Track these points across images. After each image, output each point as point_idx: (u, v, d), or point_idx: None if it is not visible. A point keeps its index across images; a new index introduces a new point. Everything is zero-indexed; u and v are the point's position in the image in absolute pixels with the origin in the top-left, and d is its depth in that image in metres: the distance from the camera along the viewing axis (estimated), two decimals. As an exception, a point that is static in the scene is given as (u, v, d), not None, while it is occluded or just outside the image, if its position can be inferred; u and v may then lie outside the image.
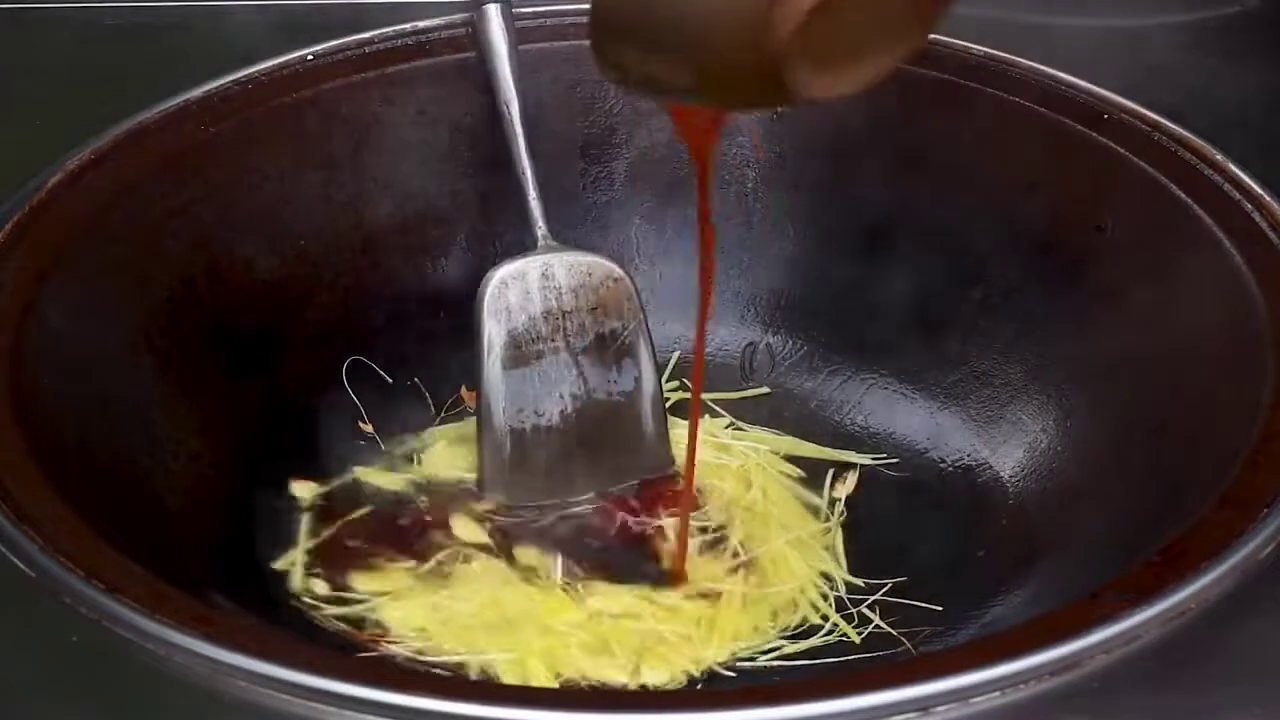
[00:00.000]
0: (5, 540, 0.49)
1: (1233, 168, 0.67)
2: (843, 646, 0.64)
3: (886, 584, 0.67)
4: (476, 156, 0.78)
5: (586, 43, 0.44)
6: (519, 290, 0.70)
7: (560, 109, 0.79)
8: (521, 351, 0.70)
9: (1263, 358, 0.58)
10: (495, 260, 0.72)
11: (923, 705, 0.44)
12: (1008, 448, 0.72)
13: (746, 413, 0.77)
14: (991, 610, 0.63)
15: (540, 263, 0.70)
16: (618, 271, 0.71)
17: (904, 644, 0.63)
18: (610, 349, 0.71)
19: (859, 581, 0.68)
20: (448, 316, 0.79)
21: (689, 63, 0.43)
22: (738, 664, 0.63)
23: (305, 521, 0.70)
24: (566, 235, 0.74)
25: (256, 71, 0.75)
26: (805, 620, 0.66)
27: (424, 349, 0.78)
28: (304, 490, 0.71)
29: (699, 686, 0.62)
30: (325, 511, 0.70)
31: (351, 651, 0.62)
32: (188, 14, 0.84)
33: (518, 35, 0.76)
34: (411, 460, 0.74)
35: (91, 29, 0.83)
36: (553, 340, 0.70)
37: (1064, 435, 0.70)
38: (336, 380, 0.75)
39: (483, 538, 0.69)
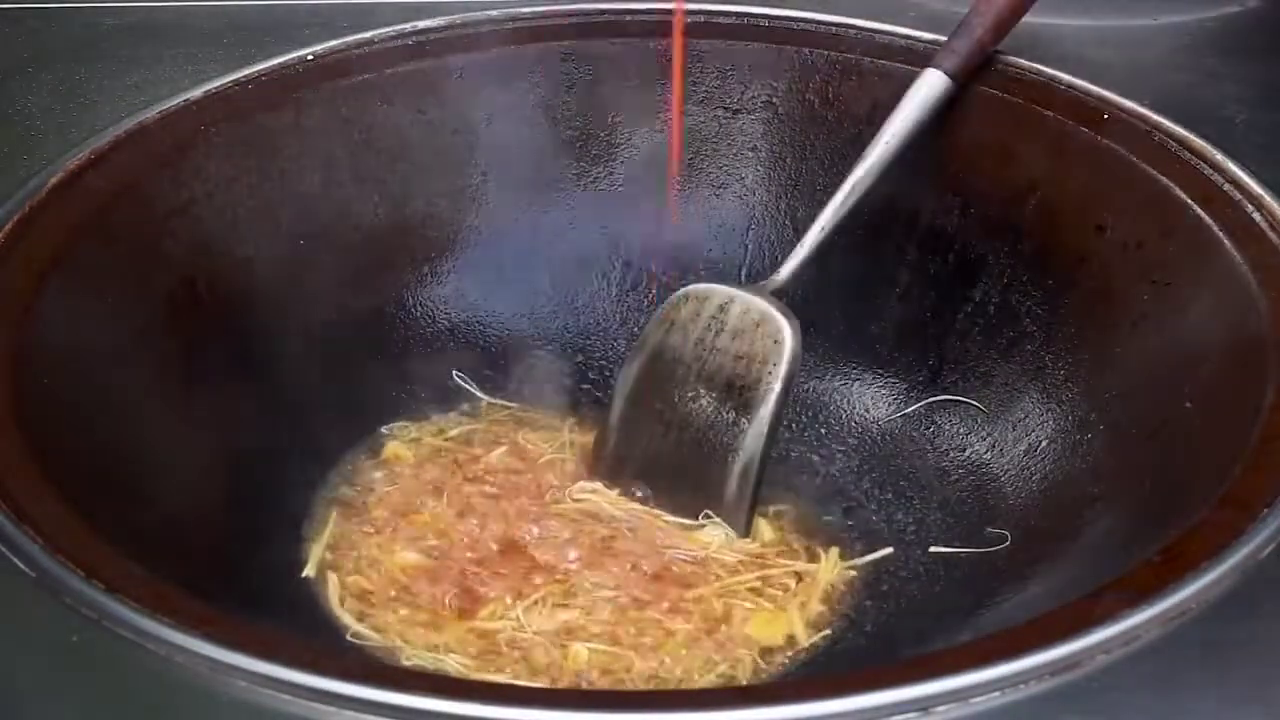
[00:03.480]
0: (5, 540, 0.49)
1: (1233, 168, 0.67)
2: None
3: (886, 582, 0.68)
4: (476, 157, 0.78)
5: (586, 42, 0.44)
6: (692, 310, 0.71)
7: (559, 108, 0.79)
8: (664, 362, 0.72)
9: (1263, 358, 0.58)
10: (494, 260, 0.72)
11: (923, 705, 0.44)
12: (1008, 448, 0.72)
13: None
14: (992, 610, 0.63)
15: (726, 295, 0.71)
16: (785, 334, 0.69)
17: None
18: (732, 400, 0.70)
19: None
20: (448, 316, 0.79)
21: None
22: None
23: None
24: (565, 235, 0.74)
25: (256, 71, 0.75)
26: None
27: (424, 348, 0.78)
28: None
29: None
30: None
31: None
32: (187, 14, 0.84)
33: (518, 36, 0.76)
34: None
35: (91, 29, 0.83)
36: (692, 366, 0.71)
37: (1064, 435, 0.70)
38: (337, 380, 0.75)
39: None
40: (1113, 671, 0.45)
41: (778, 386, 0.69)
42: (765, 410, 0.69)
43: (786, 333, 0.69)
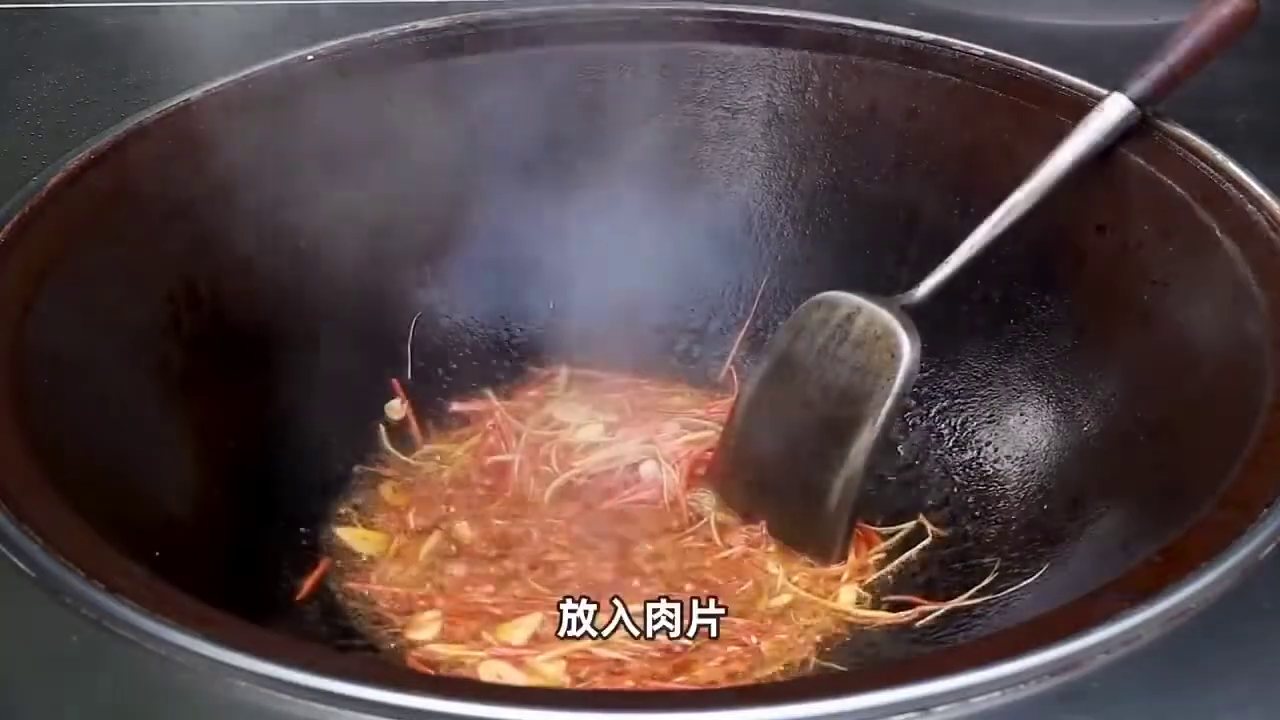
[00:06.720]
0: (5, 540, 0.49)
1: (1233, 167, 0.67)
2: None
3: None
4: (476, 157, 0.78)
5: (587, 45, 0.44)
6: (821, 317, 0.69)
7: (560, 108, 0.79)
8: (788, 368, 0.70)
9: (1263, 358, 0.58)
10: (495, 260, 0.72)
11: (922, 705, 0.44)
12: (1008, 448, 0.72)
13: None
14: (992, 610, 0.63)
15: (854, 305, 0.69)
16: (904, 349, 0.67)
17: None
18: (846, 411, 0.68)
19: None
20: (448, 316, 0.79)
21: None
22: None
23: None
24: (566, 235, 0.74)
25: (256, 71, 0.75)
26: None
27: (424, 348, 0.78)
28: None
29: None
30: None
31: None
32: (188, 14, 0.84)
33: (519, 37, 0.76)
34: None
35: (91, 29, 0.83)
36: (812, 373, 0.69)
37: (1064, 435, 0.70)
38: (337, 380, 0.75)
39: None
40: (1113, 671, 0.45)
41: (889, 403, 0.66)
42: (874, 425, 0.67)
43: (905, 348, 0.66)
